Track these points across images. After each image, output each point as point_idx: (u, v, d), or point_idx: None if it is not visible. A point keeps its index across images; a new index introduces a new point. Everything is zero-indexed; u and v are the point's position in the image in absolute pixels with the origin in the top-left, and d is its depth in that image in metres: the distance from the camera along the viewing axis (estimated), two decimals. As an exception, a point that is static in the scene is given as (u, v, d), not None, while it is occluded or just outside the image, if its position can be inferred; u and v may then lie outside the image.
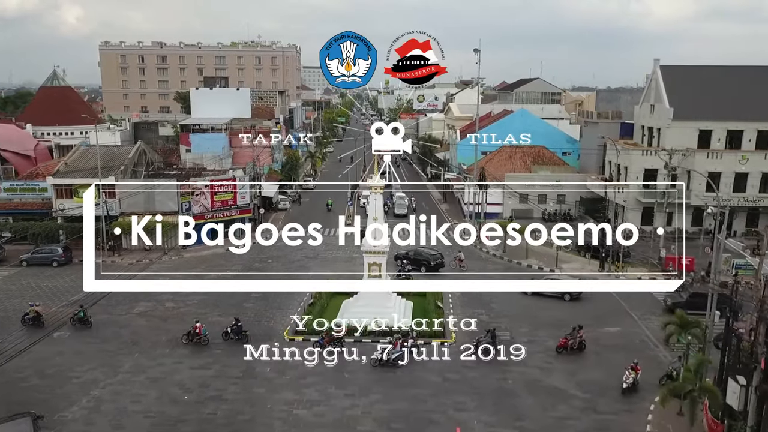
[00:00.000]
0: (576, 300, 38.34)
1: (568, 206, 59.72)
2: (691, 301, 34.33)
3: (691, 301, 34.19)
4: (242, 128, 67.32)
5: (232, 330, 31.64)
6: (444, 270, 44.61)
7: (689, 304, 33.64)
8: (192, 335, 31.38)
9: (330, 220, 65.15)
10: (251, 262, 46.34)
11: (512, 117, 68.27)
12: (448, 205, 68.35)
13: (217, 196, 50.44)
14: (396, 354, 28.85)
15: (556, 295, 38.62)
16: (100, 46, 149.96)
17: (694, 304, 33.52)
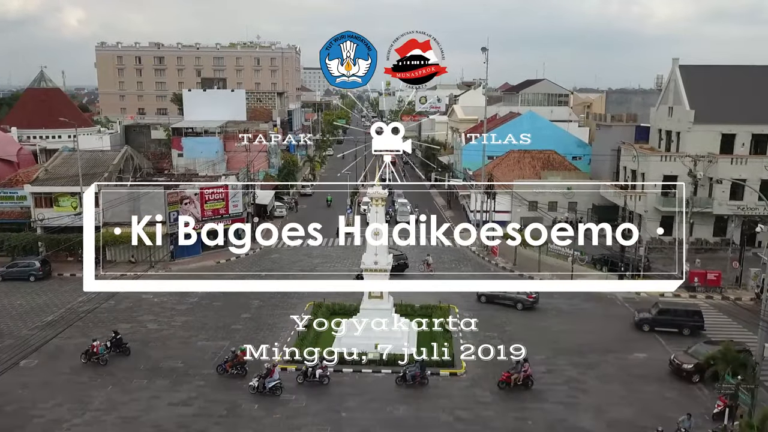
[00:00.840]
0: (530, 310, 36.18)
1: (581, 214, 56.46)
2: (659, 319, 32.91)
3: (660, 319, 32.85)
4: (236, 132, 64.15)
5: (112, 343, 29.72)
6: (410, 271, 43.61)
7: (657, 321, 32.68)
8: (90, 354, 29.00)
9: (329, 227, 61.93)
10: (243, 275, 43.18)
11: (520, 120, 65.09)
12: (453, 211, 65.16)
13: (208, 205, 47.27)
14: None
15: (509, 303, 36.73)
16: (97, 47, 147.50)
17: (662, 321, 32.59)
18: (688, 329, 32.67)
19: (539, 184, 56.87)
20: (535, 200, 56.40)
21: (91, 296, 38.15)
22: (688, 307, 34.32)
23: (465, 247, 50.89)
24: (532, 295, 37.32)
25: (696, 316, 32.91)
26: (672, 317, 32.89)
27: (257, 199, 52.57)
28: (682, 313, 33.27)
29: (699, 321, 32.78)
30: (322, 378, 26.86)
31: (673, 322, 32.75)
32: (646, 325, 33.14)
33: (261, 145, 65.85)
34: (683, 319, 32.93)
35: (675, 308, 33.69)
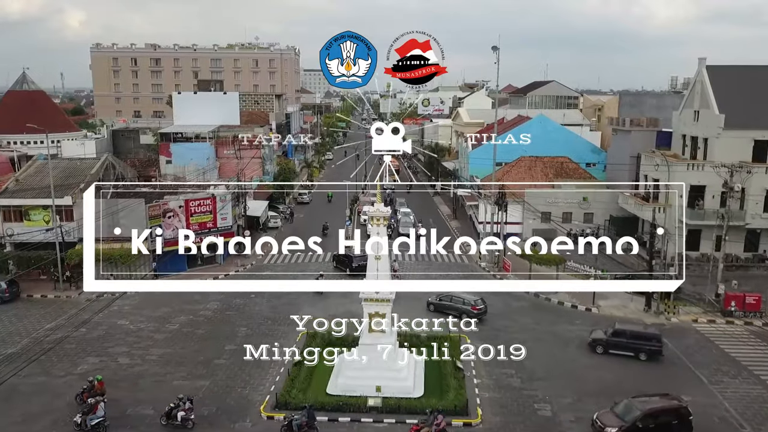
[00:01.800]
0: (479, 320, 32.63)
1: (597, 226, 52.55)
2: (613, 341, 30.53)
3: (614, 341, 30.50)
4: (227, 137, 60.28)
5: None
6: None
7: (611, 344, 30.48)
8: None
9: (332, 226, 58.22)
10: (231, 296, 39.29)
11: (530, 124, 61.18)
12: (459, 222, 61.21)
13: (194, 218, 43.38)
14: None
15: (461, 311, 34.47)
16: (92, 49, 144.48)
17: (617, 344, 30.33)
18: (645, 354, 30.00)
19: (563, 190, 52.91)
20: (548, 211, 52.54)
21: (60, 322, 34.50)
22: (646, 330, 31.36)
23: (474, 262, 47.02)
24: (476, 306, 34.80)
25: (654, 340, 30.15)
26: (627, 340, 30.26)
27: (249, 211, 48.65)
28: (638, 336, 30.44)
29: (657, 345, 30.04)
30: None
31: (628, 345, 30.17)
32: (600, 347, 30.68)
33: (254, 152, 62.40)
34: (640, 343, 30.18)
35: (631, 330, 30.99)
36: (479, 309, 34.96)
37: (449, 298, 35.97)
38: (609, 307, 37.47)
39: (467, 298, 35.56)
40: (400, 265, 44.63)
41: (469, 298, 35.50)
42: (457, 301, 35.67)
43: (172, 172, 60.29)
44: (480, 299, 35.75)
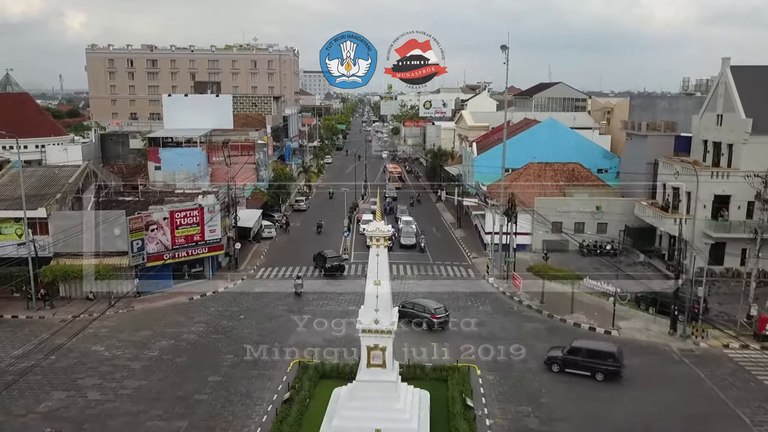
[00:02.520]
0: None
1: (611, 237, 49.37)
2: (570, 359, 28.40)
3: (570, 359, 28.37)
4: (219, 143, 57.24)
5: None
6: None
7: (568, 362, 28.37)
8: None
9: (323, 240, 55.41)
10: (218, 317, 36.15)
11: (539, 128, 58.05)
12: (464, 231, 58.01)
13: (180, 231, 40.24)
14: None
15: (422, 318, 33.57)
16: (87, 50, 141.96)
17: (573, 362, 28.20)
18: (602, 374, 27.83)
19: (576, 198, 49.72)
20: (558, 221, 49.37)
21: (29, 348, 31.29)
22: (603, 348, 28.83)
23: (482, 277, 43.83)
24: (437, 315, 33.45)
25: (611, 359, 27.81)
26: (584, 359, 28.11)
27: (240, 221, 45.50)
28: (595, 355, 28.16)
29: (615, 365, 27.76)
30: None
31: (585, 364, 28.06)
32: (556, 365, 28.66)
33: (247, 157, 59.38)
34: (596, 362, 27.96)
35: (588, 348, 28.61)
36: (439, 318, 33.57)
37: (412, 305, 34.88)
38: (630, 330, 34.26)
39: (428, 305, 34.38)
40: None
41: (431, 306, 34.23)
42: (418, 308, 34.41)
43: (161, 179, 57.29)
44: (442, 307, 34.54)
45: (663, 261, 45.08)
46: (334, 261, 43.45)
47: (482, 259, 48.17)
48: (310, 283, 42.01)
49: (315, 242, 52.35)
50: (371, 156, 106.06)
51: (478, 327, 34.18)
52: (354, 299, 38.22)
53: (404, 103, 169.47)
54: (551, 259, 42.83)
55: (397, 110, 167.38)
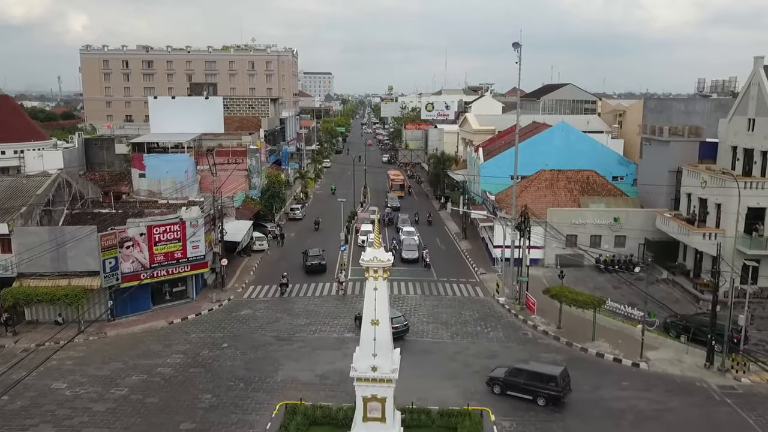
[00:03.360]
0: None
1: (630, 251, 45.62)
2: (510, 381, 26.65)
3: (511, 381, 26.63)
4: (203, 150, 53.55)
5: None
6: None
7: (508, 384, 26.62)
8: None
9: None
10: (200, 346, 32.37)
11: (550, 132, 54.26)
12: (470, 243, 54.20)
13: (159, 247, 36.47)
14: None
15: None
16: (81, 51, 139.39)
17: (514, 385, 26.48)
18: (543, 399, 25.84)
19: (592, 209, 45.92)
20: (573, 233, 45.63)
21: (-19, 384, 27.49)
22: (545, 371, 26.63)
23: (492, 297, 40.03)
24: (394, 326, 29.37)
25: (552, 382, 25.74)
26: (525, 381, 26.31)
27: (227, 235, 41.73)
28: (535, 377, 26.20)
29: (556, 390, 25.68)
30: None
31: (525, 387, 26.25)
32: (498, 386, 26.99)
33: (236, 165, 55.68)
34: (537, 386, 26.02)
35: (529, 370, 26.76)
36: (397, 327, 30.83)
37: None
38: (661, 362, 30.43)
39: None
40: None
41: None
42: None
43: (145, 187, 53.63)
44: (401, 316, 33.15)
45: (688, 279, 41.31)
46: (314, 260, 44.70)
47: (491, 276, 44.40)
48: (309, 305, 38.35)
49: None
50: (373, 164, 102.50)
51: (490, 358, 30.42)
52: (351, 325, 34.53)
53: (405, 105, 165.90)
54: (566, 277, 39.08)
55: (398, 112, 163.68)
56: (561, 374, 26.05)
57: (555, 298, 33.75)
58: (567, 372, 26.62)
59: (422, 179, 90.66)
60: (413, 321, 35.48)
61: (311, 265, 44.37)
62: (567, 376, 26.40)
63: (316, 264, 44.39)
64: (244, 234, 45.10)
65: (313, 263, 44.41)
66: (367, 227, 54.80)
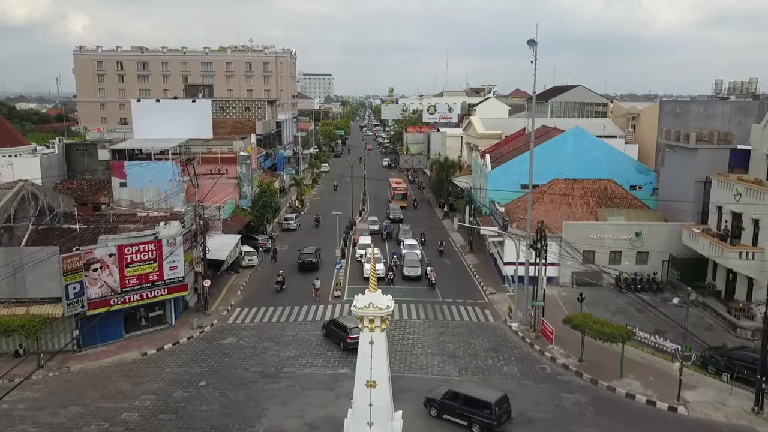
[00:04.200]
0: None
1: (653, 269, 41.71)
2: (446, 404, 25.12)
3: (447, 404, 25.10)
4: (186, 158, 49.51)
5: None
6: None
7: (445, 407, 25.13)
8: None
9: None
10: (173, 384, 28.45)
11: (563, 138, 50.31)
12: (476, 257, 50.22)
13: (131, 269, 32.57)
14: None
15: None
16: (75, 52, 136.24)
17: (450, 408, 24.97)
18: (478, 426, 24.20)
19: (611, 222, 41.96)
20: (590, 249, 41.71)
21: None
22: (480, 396, 24.67)
23: (505, 326, 36.03)
24: (351, 336, 30.54)
25: (486, 409, 23.90)
26: (460, 405, 24.73)
27: (210, 253, 37.79)
28: (471, 403, 24.49)
29: (489, 418, 23.83)
30: None
31: (461, 412, 24.69)
32: (434, 408, 25.52)
33: (230, 169, 51.78)
34: (472, 412, 24.36)
35: (465, 394, 24.91)
36: (355, 338, 28.56)
37: (335, 323, 33.25)
38: (701, 405, 26.49)
39: (347, 324, 31.91)
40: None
41: (349, 325, 31.65)
42: (340, 326, 32.53)
43: (127, 197, 49.75)
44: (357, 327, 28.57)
45: (720, 301, 37.37)
46: (306, 258, 46.48)
47: (501, 296, 40.49)
48: (299, 332, 34.46)
49: (304, 273, 45.00)
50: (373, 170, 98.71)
51: (505, 401, 26.46)
52: (346, 358, 30.62)
53: (406, 107, 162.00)
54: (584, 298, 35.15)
55: (399, 114, 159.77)
56: (498, 401, 24.05)
57: (577, 329, 29.80)
58: (507, 399, 24.64)
59: (424, 185, 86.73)
60: (416, 352, 31.63)
61: (303, 263, 46.19)
62: (506, 403, 24.49)
63: (308, 262, 46.11)
64: (231, 250, 41.12)
65: (305, 261, 46.27)
66: (366, 239, 50.93)
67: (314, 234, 57.51)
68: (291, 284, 42.44)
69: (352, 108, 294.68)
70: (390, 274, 42.78)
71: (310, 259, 46.45)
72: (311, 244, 50.73)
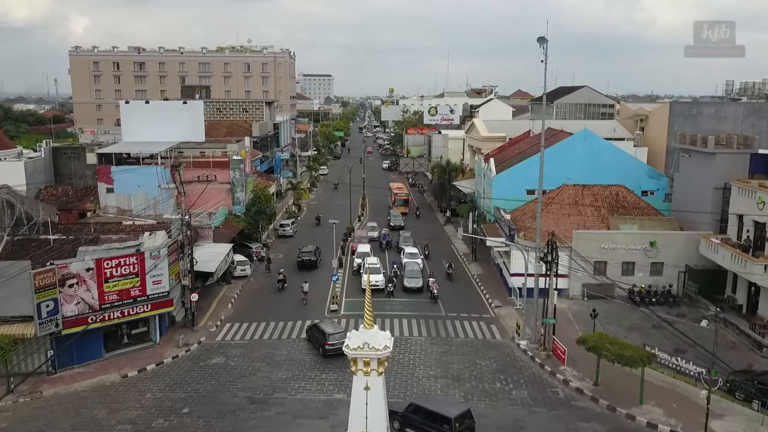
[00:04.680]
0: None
1: (668, 281, 39.38)
2: (409, 417, 24.22)
3: (410, 417, 24.19)
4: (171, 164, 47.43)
5: None
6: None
7: (407, 420, 24.25)
8: None
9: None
10: (153, 411, 26.13)
11: (572, 141, 47.92)
12: (481, 266, 47.89)
13: (110, 285, 30.25)
14: None
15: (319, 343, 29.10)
16: (70, 52, 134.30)
17: (412, 422, 24.04)
18: None
19: (624, 231, 39.61)
20: (602, 260, 39.41)
21: None
22: (441, 411, 23.47)
23: (513, 343, 33.67)
24: (330, 342, 30.57)
25: (446, 425, 22.86)
26: (422, 420, 23.73)
27: (198, 265, 35.44)
28: (432, 417, 23.39)
29: None
30: None
31: (422, 426, 23.70)
32: (397, 422, 24.48)
33: (222, 174, 49.54)
34: (431, 426, 23.29)
35: (426, 408, 23.88)
36: (332, 344, 30.19)
37: (316, 328, 32.53)
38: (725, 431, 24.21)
39: (327, 330, 31.51)
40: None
41: (328, 331, 31.44)
42: (320, 332, 31.75)
43: (114, 204, 47.52)
44: (337, 334, 31.00)
45: (742, 316, 35.05)
46: (305, 256, 47.48)
47: (508, 310, 38.19)
48: (293, 351, 32.14)
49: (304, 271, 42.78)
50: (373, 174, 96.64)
51: (516, 431, 24.18)
52: (342, 381, 28.30)
53: (407, 109, 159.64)
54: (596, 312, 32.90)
55: (399, 116, 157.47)
56: (459, 417, 22.93)
57: (593, 351, 27.47)
58: (470, 415, 23.46)
59: (425, 187, 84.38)
60: (418, 374, 29.34)
61: (302, 261, 47.26)
62: (469, 419, 23.32)
63: (307, 260, 47.08)
64: (221, 261, 38.77)
65: (303, 259, 47.30)
66: (365, 247, 48.65)
67: (314, 233, 56.54)
68: (291, 283, 42.56)
69: (353, 109, 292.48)
70: (389, 285, 40.45)
71: (309, 257, 47.12)
72: (312, 243, 50.73)
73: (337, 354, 28.26)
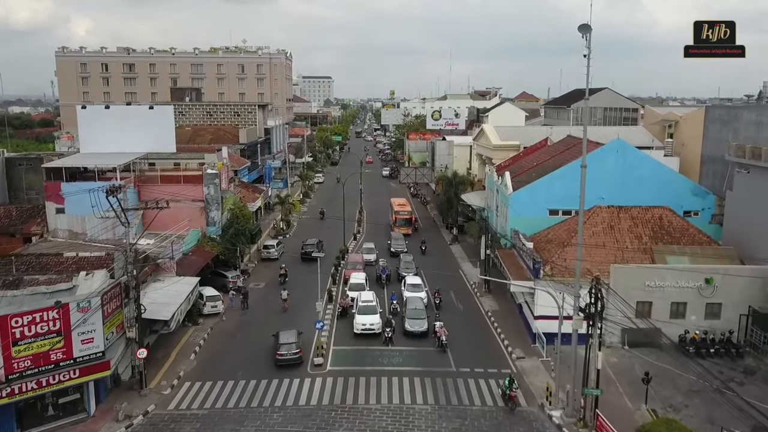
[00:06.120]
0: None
1: (728, 326, 32.27)
2: None
3: None
4: (110, 185, 40.48)
5: None
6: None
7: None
8: None
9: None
10: None
11: (602, 153, 40.66)
12: (495, 300, 40.73)
13: (22, 348, 23.19)
14: None
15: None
16: (57, 53, 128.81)
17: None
18: None
19: (655, 270, 32.47)
20: (646, 300, 32.32)
21: None
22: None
23: (542, 414, 26.45)
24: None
25: None
26: None
27: (148, 312, 28.32)
28: None
29: None
30: None
31: None
32: None
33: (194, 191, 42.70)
34: None
35: None
36: (282, 355, 29.79)
37: (276, 336, 31.20)
38: None
39: (282, 339, 30.62)
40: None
41: (281, 340, 30.38)
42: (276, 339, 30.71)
43: (65, 227, 40.56)
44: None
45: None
46: (308, 248, 49.14)
47: (532, 362, 31.12)
48: (268, 422, 25.05)
49: (285, 321, 35.57)
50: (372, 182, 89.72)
51: None
52: None
53: (408, 112, 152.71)
54: (640, 368, 25.92)
55: (400, 119, 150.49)
56: None
57: None
58: None
59: (428, 199, 77.20)
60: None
61: (305, 253, 48.84)
62: None
63: (309, 251, 48.12)
64: (181, 303, 31.59)
65: (307, 251, 48.52)
66: (359, 277, 41.43)
67: (317, 228, 58.05)
68: (293, 275, 44.42)
69: (353, 111, 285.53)
70: (388, 330, 33.18)
71: (312, 250, 47.56)
72: (316, 236, 52.81)
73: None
